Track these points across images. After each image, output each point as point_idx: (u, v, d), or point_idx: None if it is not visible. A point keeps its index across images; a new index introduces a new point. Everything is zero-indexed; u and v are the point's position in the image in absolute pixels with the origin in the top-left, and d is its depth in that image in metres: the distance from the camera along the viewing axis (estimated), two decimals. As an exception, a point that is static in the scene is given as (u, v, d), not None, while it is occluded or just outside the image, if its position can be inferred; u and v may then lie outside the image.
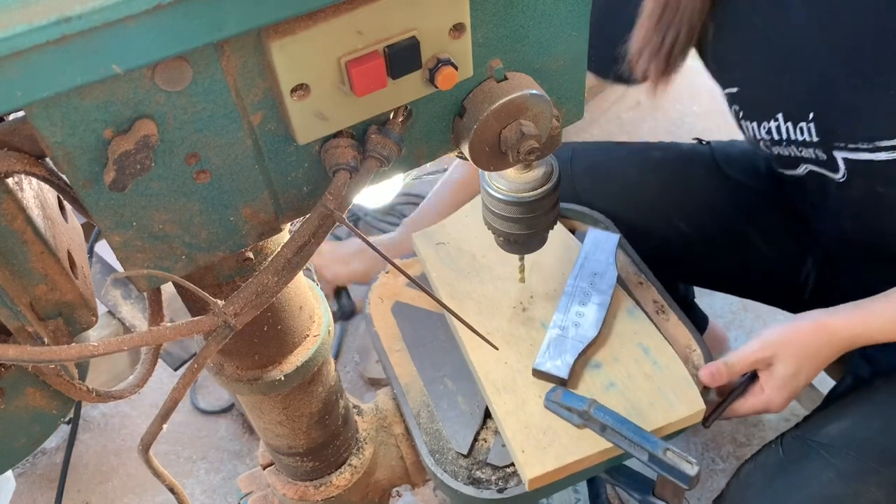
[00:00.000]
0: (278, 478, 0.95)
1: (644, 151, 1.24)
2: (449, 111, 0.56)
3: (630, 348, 0.93)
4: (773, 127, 0.99)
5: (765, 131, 1.01)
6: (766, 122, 1.00)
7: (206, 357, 0.53)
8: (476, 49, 0.52)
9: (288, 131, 0.50)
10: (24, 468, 1.68)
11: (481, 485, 0.87)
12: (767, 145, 1.03)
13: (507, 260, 1.03)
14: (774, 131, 0.99)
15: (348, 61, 0.47)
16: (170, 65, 0.43)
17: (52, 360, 0.47)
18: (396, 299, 1.07)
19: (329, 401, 0.84)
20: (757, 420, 1.68)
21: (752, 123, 1.04)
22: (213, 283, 0.62)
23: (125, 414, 1.79)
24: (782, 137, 1.01)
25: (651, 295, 1.02)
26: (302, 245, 0.52)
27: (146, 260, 0.52)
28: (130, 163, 0.44)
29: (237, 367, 0.74)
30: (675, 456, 0.79)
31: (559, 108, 0.61)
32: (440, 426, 0.93)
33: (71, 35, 0.37)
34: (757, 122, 1.02)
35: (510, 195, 0.77)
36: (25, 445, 0.61)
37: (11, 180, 0.49)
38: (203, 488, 1.65)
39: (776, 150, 1.03)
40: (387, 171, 0.56)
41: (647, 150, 1.24)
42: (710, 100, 2.38)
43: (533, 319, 0.98)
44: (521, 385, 0.91)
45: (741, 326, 1.84)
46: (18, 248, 0.50)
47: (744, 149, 1.24)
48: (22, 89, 0.38)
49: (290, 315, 0.72)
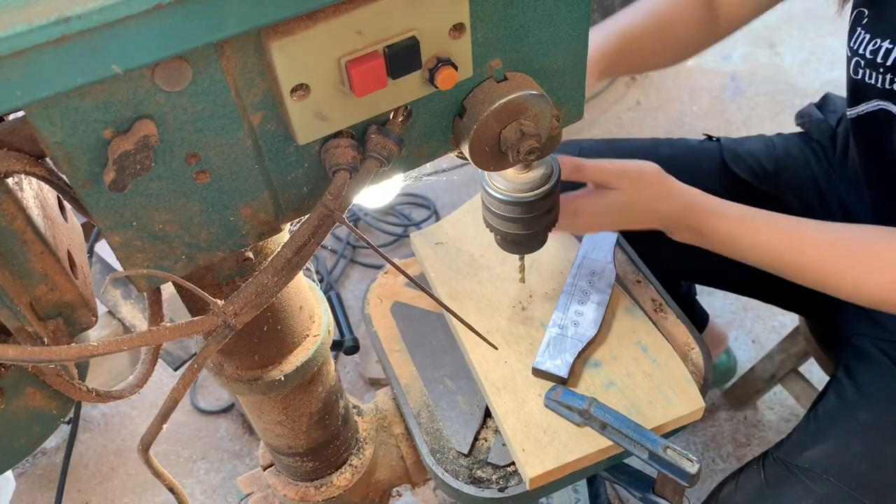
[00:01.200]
0: (279, 478, 0.95)
1: (652, 147, 1.23)
2: (449, 111, 0.56)
3: (629, 347, 0.93)
4: (883, 47, 0.95)
5: (872, 48, 0.97)
6: (881, 40, 0.95)
7: (206, 357, 0.54)
8: (476, 49, 0.52)
9: (288, 131, 0.50)
10: (24, 468, 1.68)
11: (482, 484, 0.88)
12: (860, 65, 1.00)
13: (506, 260, 1.03)
14: (881, 54, 0.96)
15: (348, 61, 0.47)
16: (170, 65, 0.43)
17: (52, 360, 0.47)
18: (395, 299, 1.07)
19: (329, 401, 0.84)
20: (757, 420, 1.69)
21: (866, 35, 0.99)
22: (213, 283, 0.62)
23: (125, 414, 1.79)
24: (885, 63, 0.97)
25: (650, 293, 1.02)
26: (302, 245, 0.52)
27: (146, 260, 0.52)
28: (130, 163, 0.44)
29: (237, 367, 0.74)
30: (676, 454, 0.79)
31: (559, 108, 0.61)
32: (440, 426, 0.93)
33: (71, 35, 0.37)
34: (870, 36, 0.98)
35: (510, 195, 0.77)
36: (25, 445, 0.61)
37: (11, 180, 0.49)
38: (203, 488, 1.65)
39: (866, 72, 0.99)
40: (387, 171, 0.56)
41: (656, 146, 1.24)
42: (710, 100, 2.39)
43: (532, 319, 0.98)
44: (520, 384, 0.91)
45: (741, 326, 1.84)
46: (18, 248, 0.50)
47: (752, 148, 1.24)
48: (22, 89, 0.38)
49: (290, 315, 0.72)
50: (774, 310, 1.79)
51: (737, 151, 1.23)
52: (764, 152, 1.23)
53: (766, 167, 1.22)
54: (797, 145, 1.24)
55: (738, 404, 1.70)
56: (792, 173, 1.22)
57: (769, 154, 1.23)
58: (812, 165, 1.22)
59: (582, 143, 1.24)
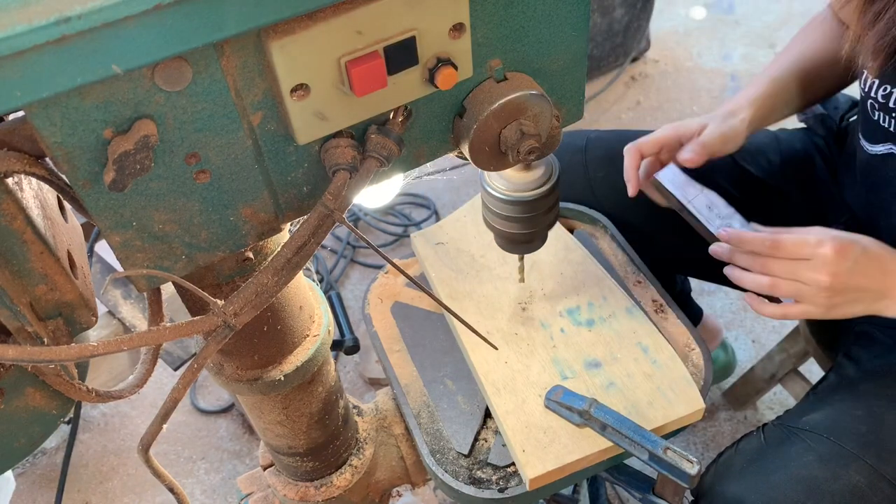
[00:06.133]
0: (279, 478, 0.95)
1: None
2: (449, 111, 0.56)
3: (629, 347, 0.93)
4: (894, 93, 0.96)
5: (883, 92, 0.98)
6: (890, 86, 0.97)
7: (206, 357, 0.54)
8: (476, 49, 0.52)
9: (288, 131, 0.50)
10: (24, 468, 1.68)
11: (482, 484, 0.88)
12: (874, 108, 1.01)
13: (506, 259, 1.03)
14: (893, 100, 0.97)
15: (348, 61, 0.47)
16: (170, 65, 0.43)
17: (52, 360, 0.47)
18: (396, 299, 1.07)
19: (329, 401, 0.84)
20: (757, 420, 1.69)
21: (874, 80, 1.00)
22: (213, 283, 0.62)
23: (125, 414, 1.79)
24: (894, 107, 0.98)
25: (650, 294, 1.02)
26: (301, 245, 0.52)
27: (146, 260, 0.52)
28: (130, 163, 0.44)
29: (237, 367, 0.74)
30: (676, 454, 0.79)
31: (559, 108, 0.61)
32: (440, 426, 0.93)
33: (71, 35, 0.37)
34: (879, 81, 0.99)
35: (510, 194, 0.77)
36: (25, 445, 0.61)
37: (11, 180, 0.49)
38: (203, 488, 1.65)
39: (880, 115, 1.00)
40: (387, 171, 0.56)
41: None
42: (710, 100, 2.39)
43: (532, 319, 0.98)
44: (521, 384, 0.91)
45: (741, 326, 1.84)
46: (18, 248, 0.50)
47: (760, 142, 1.24)
48: (22, 89, 0.38)
49: (289, 315, 0.72)
50: (774, 310, 1.79)
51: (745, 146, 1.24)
52: (770, 146, 1.24)
53: (772, 161, 1.23)
54: (802, 140, 1.25)
55: (738, 404, 1.70)
56: (797, 167, 1.23)
57: (775, 148, 1.24)
58: (816, 160, 1.22)
59: (588, 133, 1.24)
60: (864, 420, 0.93)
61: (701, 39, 2.61)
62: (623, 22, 2.35)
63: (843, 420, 0.94)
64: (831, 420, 0.94)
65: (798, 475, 0.89)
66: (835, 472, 0.88)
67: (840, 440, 0.90)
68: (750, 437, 0.99)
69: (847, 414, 0.95)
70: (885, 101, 0.98)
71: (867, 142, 1.06)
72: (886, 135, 1.00)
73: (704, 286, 1.88)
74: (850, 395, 0.98)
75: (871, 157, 1.05)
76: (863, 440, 0.90)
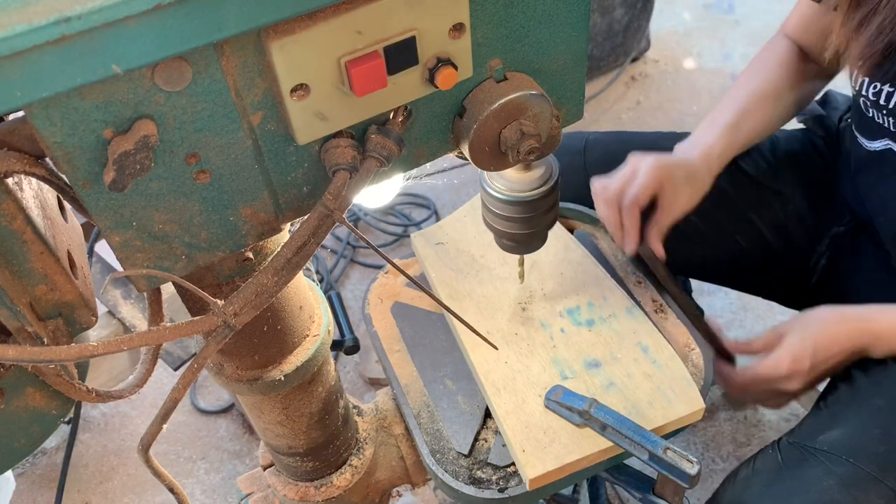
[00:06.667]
0: (279, 478, 0.95)
1: (658, 141, 1.23)
2: (449, 111, 0.56)
3: (629, 348, 0.93)
4: (885, 91, 0.98)
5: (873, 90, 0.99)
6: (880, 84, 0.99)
7: (206, 357, 0.54)
8: (476, 49, 0.52)
9: (288, 131, 0.50)
10: (24, 468, 1.68)
11: (482, 484, 0.88)
12: (867, 105, 1.02)
13: (506, 260, 1.03)
14: (884, 97, 0.98)
15: (348, 61, 0.47)
16: (170, 65, 0.43)
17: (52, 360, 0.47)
18: (396, 300, 1.07)
19: (329, 401, 0.84)
20: (757, 420, 1.68)
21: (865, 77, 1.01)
22: (213, 283, 0.63)
23: (125, 414, 1.79)
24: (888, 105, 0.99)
25: (650, 294, 1.02)
26: (301, 245, 0.52)
27: (146, 260, 0.52)
28: (130, 163, 0.44)
29: (237, 367, 0.74)
30: (676, 455, 0.79)
31: (559, 108, 0.61)
32: (440, 426, 0.93)
33: (71, 35, 0.37)
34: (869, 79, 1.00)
35: (510, 195, 0.77)
36: (25, 445, 0.61)
37: (11, 180, 0.49)
38: (203, 488, 1.65)
39: (873, 112, 1.01)
40: (387, 171, 0.56)
41: (662, 140, 1.24)
42: (710, 100, 2.38)
43: (532, 319, 0.98)
44: (521, 385, 0.91)
45: (741, 326, 1.84)
46: (18, 248, 0.50)
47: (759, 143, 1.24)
48: (22, 89, 0.38)
49: (289, 315, 0.72)
50: (774, 309, 1.79)
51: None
52: (767, 146, 1.24)
53: (769, 161, 1.23)
54: (800, 141, 1.25)
55: (738, 405, 1.70)
56: (795, 168, 1.23)
57: (773, 148, 1.24)
58: (815, 160, 1.22)
59: (587, 135, 1.24)
60: (883, 440, 0.92)
61: (701, 39, 2.61)
62: (623, 22, 2.35)
63: (860, 440, 0.93)
64: (848, 440, 0.94)
65: (819, 500, 0.89)
66: (856, 496, 0.87)
67: (859, 461, 0.90)
68: (766, 455, 0.98)
69: (864, 433, 0.94)
70: (876, 99, 0.99)
71: (865, 138, 1.06)
72: (883, 131, 1.01)
73: (704, 286, 1.87)
74: (865, 412, 0.97)
75: (870, 153, 1.05)
76: (881, 461, 0.90)
